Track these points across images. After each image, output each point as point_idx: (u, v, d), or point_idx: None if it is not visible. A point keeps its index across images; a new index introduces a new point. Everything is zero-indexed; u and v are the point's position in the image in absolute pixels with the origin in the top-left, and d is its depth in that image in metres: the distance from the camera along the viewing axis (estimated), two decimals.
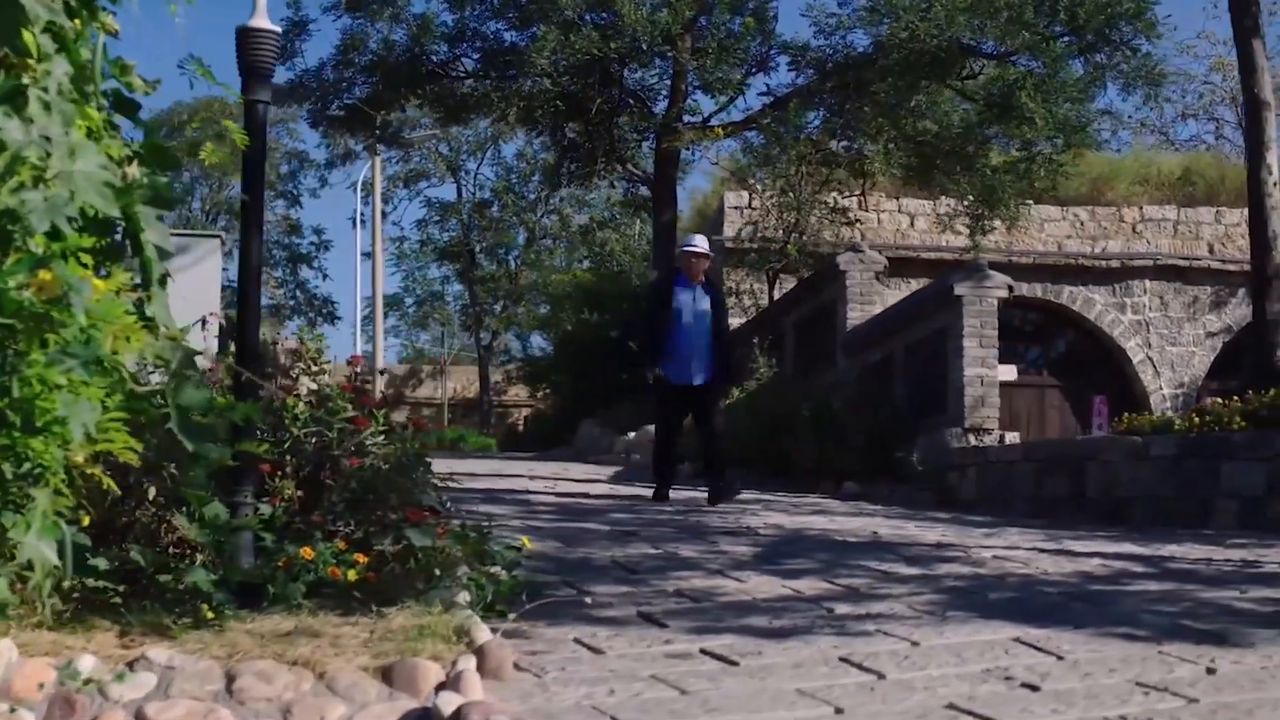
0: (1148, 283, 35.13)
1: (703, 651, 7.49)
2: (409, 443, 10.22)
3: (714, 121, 32.25)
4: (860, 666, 7.10)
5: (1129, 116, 55.60)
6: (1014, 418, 33.02)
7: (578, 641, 7.81)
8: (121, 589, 7.96)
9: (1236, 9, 20.66)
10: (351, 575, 8.44)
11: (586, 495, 18.73)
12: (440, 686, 6.52)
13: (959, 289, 21.54)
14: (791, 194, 30.55)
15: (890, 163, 28.14)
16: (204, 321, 21.04)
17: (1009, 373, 33.64)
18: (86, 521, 6.81)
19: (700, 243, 17.87)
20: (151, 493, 8.71)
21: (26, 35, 5.63)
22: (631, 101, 31.88)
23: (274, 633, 7.43)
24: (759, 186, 31.66)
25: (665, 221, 33.03)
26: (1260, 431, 16.69)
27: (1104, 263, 34.97)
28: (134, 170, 6.62)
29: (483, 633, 7.34)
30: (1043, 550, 12.54)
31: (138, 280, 6.81)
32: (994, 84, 28.56)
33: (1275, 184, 20.31)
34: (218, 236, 23.74)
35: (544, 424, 51.11)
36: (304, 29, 32.33)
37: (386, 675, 6.74)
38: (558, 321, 54.81)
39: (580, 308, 46.61)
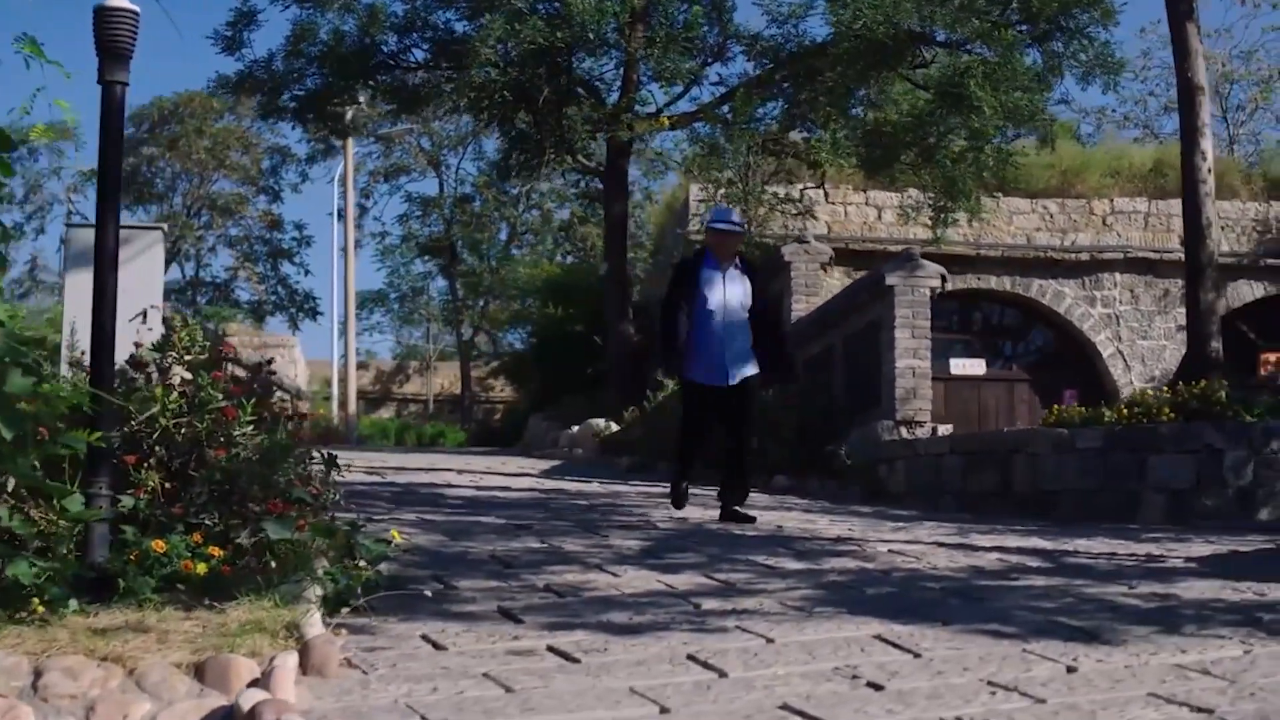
0: (1118, 276, 34.94)
1: (549, 648, 7.28)
2: (279, 433, 10.00)
3: (669, 112, 32.02)
4: (704, 664, 6.89)
5: (1112, 110, 55.41)
6: (983, 412, 32.90)
7: (424, 638, 7.59)
8: None
9: None
10: (201, 569, 8.21)
11: (507, 489, 18.45)
12: (254, 683, 6.31)
13: (890, 279, 21.32)
14: (739, 185, 30.28)
15: (837, 151, 27.86)
16: (144, 314, 20.76)
17: (977, 367, 33.58)
18: None
19: (731, 216, 15.17)
20: (11, 484, 8.49)
21: None
22: (582, 91, 31.67)
23: (99, 627, 7.20)
24: (705, 178, 31.35)
25: (617, 213, 32.85)
26: (1189, 424, 16.53)
27: (1074, 256, 34.79)
28: None
29: (314, 628, 7.13)
30: (944, 545, 12.34)
31: None
32: (945, 73, 28.33)
33: (1209, 170, 20.18)
34: (159, 229, 23.39)
35: (516, 420, 51.01)
36: (252, 19, 32.04)
37: (199, 672, 6.52)
38: (527, 316, 54.71)
39: (547, 302, 46.50)
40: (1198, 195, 20.04)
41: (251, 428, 9.72)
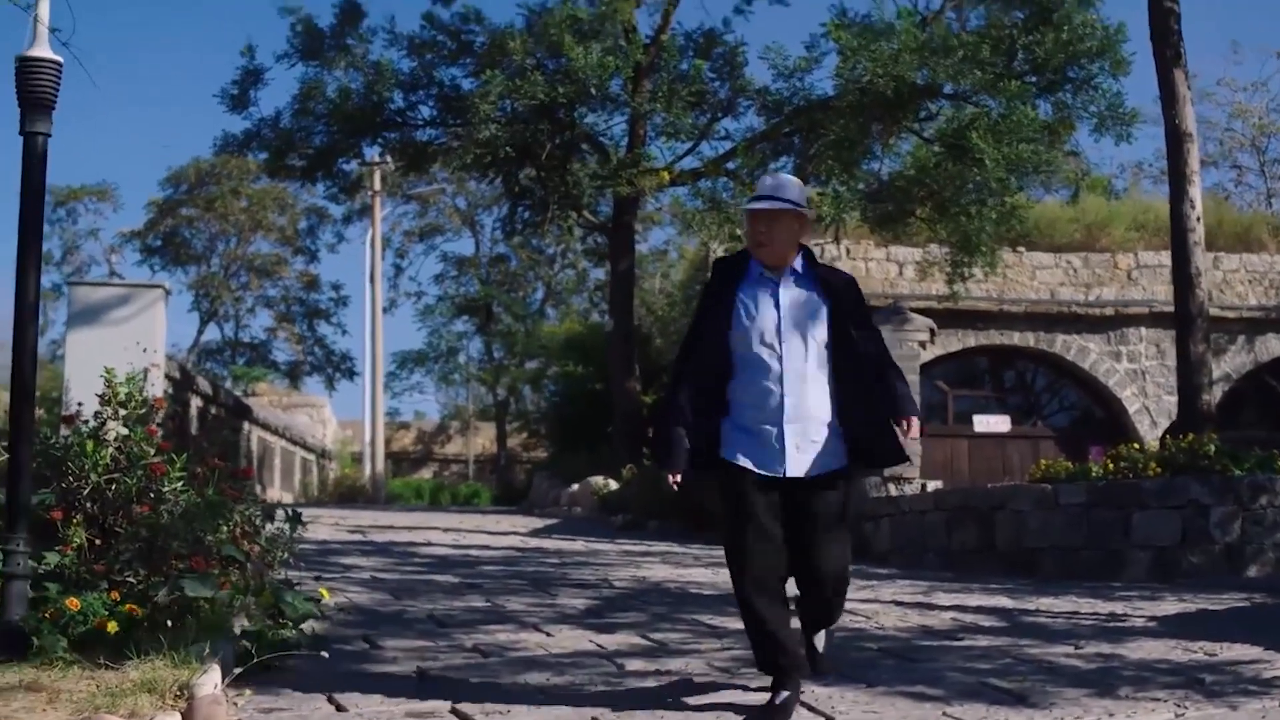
0: (1143, 330, 34.63)
1: (451, 711, 7.12)
2: (210, 489, 9.86)
3: (679, 167, 31.87)
4: None
5: (1149, 164, 55.06)
6: (1007, 470, 32.64)
7: (329, 699, 7.43)
8: None
9: (1158, 39, 20.39)
10: (113, 627, 8.06)
11: (485, 548, 18.26)
12: None
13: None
14: (743, 240, 30.07)
15: (840, 206, 27.65)
16: (145, 372, 20.68)
17: (1002, 424, 33.37)
18: None
19: (778, 189, 7.82)
20: None
21: None
22: (586, 147, 31.62)
23: None
24: (708, 234, 31.10)
25: (622, 269, 32.74)
26: (1174, 479, 16.23)
27: (1098, 311, 34.50)
28: None
29: (205, 688, 6.96)
30: (901, 604, 12.13)
31: None
32: (950, 125, 28.15)
33: (1198, 219, 19.96)
34: (160, 287, 23.42)
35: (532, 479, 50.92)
36: (259, 78, 32.06)
37: None
38: (548, 375, 54.63)
39: (566, 360, 46.36)
40: (1186, 244, 19.83)
41: (181, 484, 9.60)
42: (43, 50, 8.80)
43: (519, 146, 29.87)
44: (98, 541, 9.32)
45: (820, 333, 7.44)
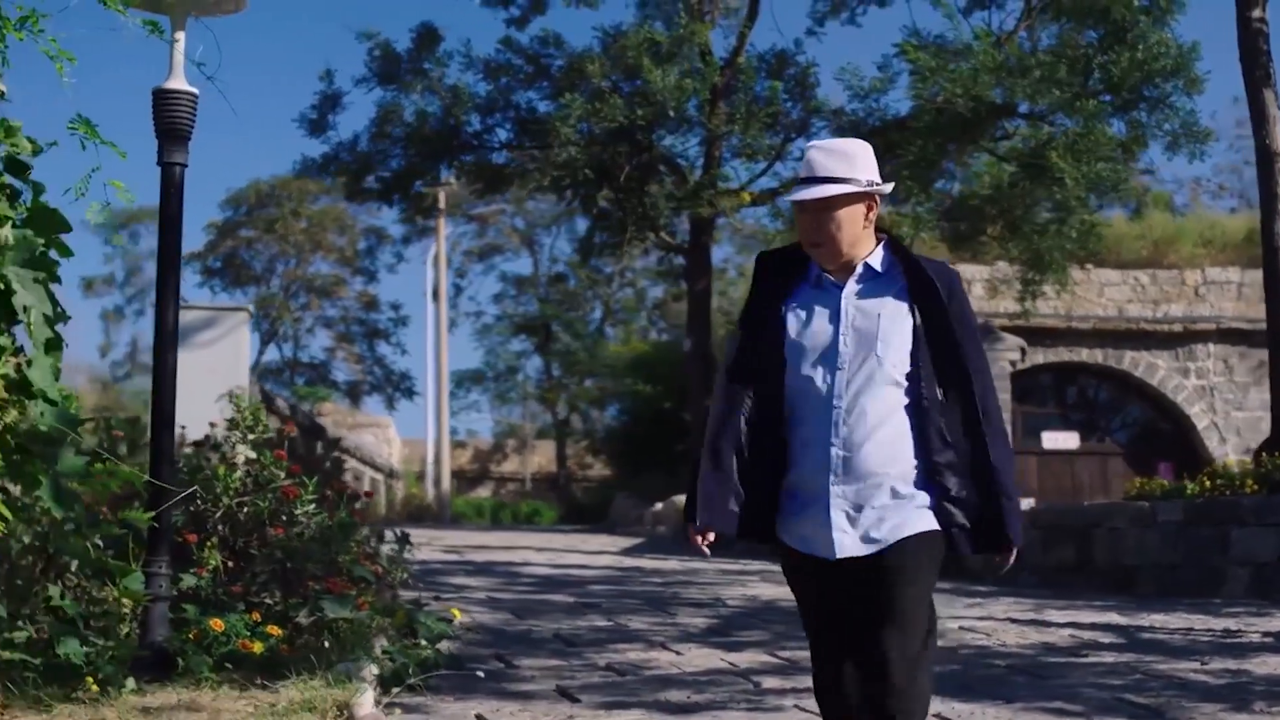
0: (1211, 346, 34.54)
1: None
2: (341, 512, 10.02)
3: (754, 187, 31.95)
4: None
5: (1207, 180, 54.89)
6: (1076, 486, 32.57)
7: (478, 717, 7.55)
8: (38, 660, 7.78)
9: (1247, 60, 20.31)
10: (258, 648, 8.21)
11: (584, 567, 18.42)
12: None
13: None
14: None
15: (920, 226, 27.71)
16: (231, 395, 20.78)
17: (1070, 440, 33.30)
18: None
19: (827, 165, 5.31)
20: (74, 564, 8.54)
21: None
22: (664, 169, 31.73)
23: (151, 707, 7.20)
24: None
25: (700, 289, 32.83)
26: (1272, 496, 16.20)
27: (1166, 327, 34.41)
28: (6, 232, 6.44)
29: (364, 708, 7.09)
30: (1016, 621, 12.18)
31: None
32: (1028, 144, 28.18)
33: None
34: (245, 310, 23.68)
35: (604, 498, 50.96)
36: (337, 102, 32.33)
37: None
38: (616, 394, 54.69)
39: (635, 380, 46.44)
40: (1277, 262, 19.77)
41: (314, 506, 9.75)
42: (179, 83, 8.95)
43: (597, 168, 30.00)
44: (230, 563, 9.49)
45: (899, 355, 5.16)
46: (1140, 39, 27.69)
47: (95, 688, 7.39)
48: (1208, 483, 17.16)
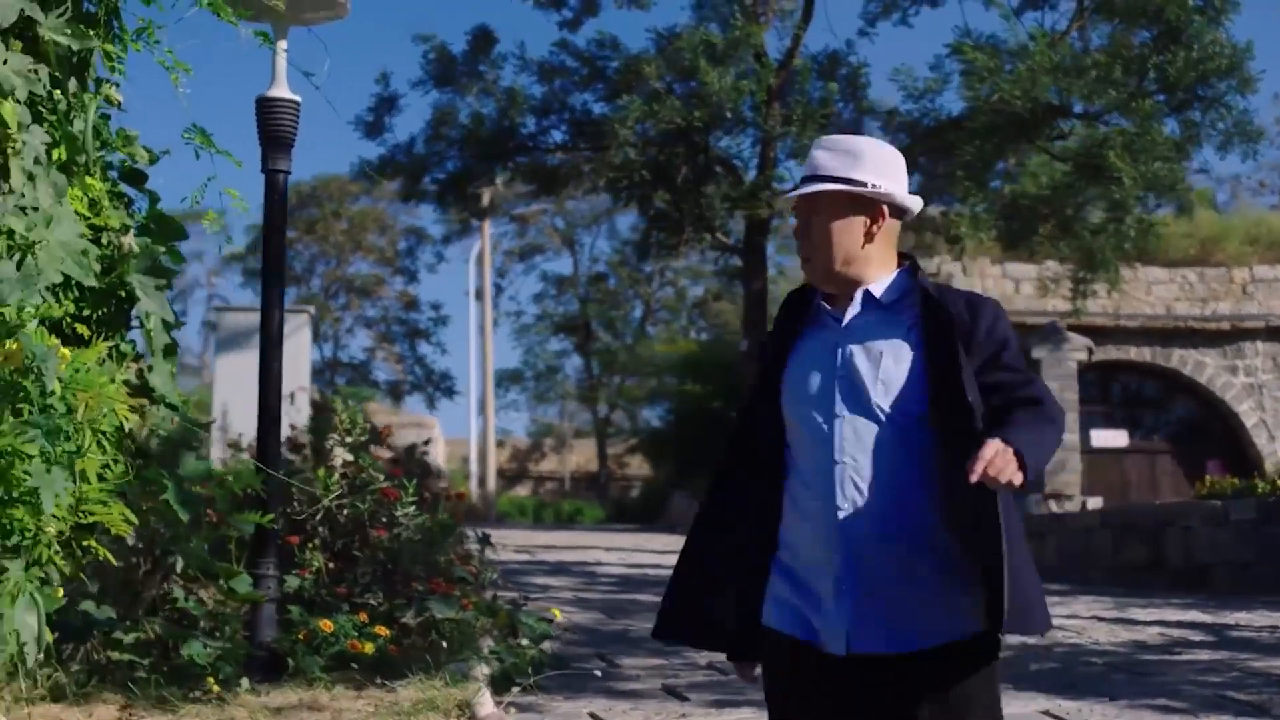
0: (1260, 344, 34.43)
1: None
2: (440, 514, 10.13)
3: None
4: None
5: (1247, 177, 54.83)
6: (1125, 484, 32.52)
7: (592, 716, 7.65)
8: (146, 661, 7.91)
9: None
10: (369, 649, 8.32)
11: (659, 566, 18.43)
12: None
13: (1036, 352, 21.27)
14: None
15: (978, 226, 27.76)
16: (292, 396, 20.87)
17: (1119, 439, 33.25)
18: (60, 594, 6.65)
19: (818, 161, 4.25)
20: (179, 565, 8.65)
21: (4, 106, 5.59)
22: (720, 169, 31.75)
23: (274, 706, 7.32)
24: None
25: (756, 290, 32.80)
26: None
27: (1214, 325, 34.36)
28: (129, 240, 6.56)
29: (485, 707, 7.20)
30: (1103, 619, 12.25)
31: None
32: (1084, 144, 28.17)
33: None
34: (306, 311, 23.83)
35: (653, 497, 51.00)
36: (394, 104, 32.43)
37: None
38: (664, 394, 54.76)
39: (685, 379, 46.51)
40: None
41: (414, 508, 9.85)
42: (282, 90, 9.08)
43: (653, 169, 30.07)
44: (331, 565, 9.61)
45: (909, 401, 4.07)
46: (1195, 38, 27.70)
47: (216, 688, 7.51)
48: (1278, 482, 17.22)
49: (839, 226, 4.11)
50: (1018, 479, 3.59)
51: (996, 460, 3.61)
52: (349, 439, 10.51)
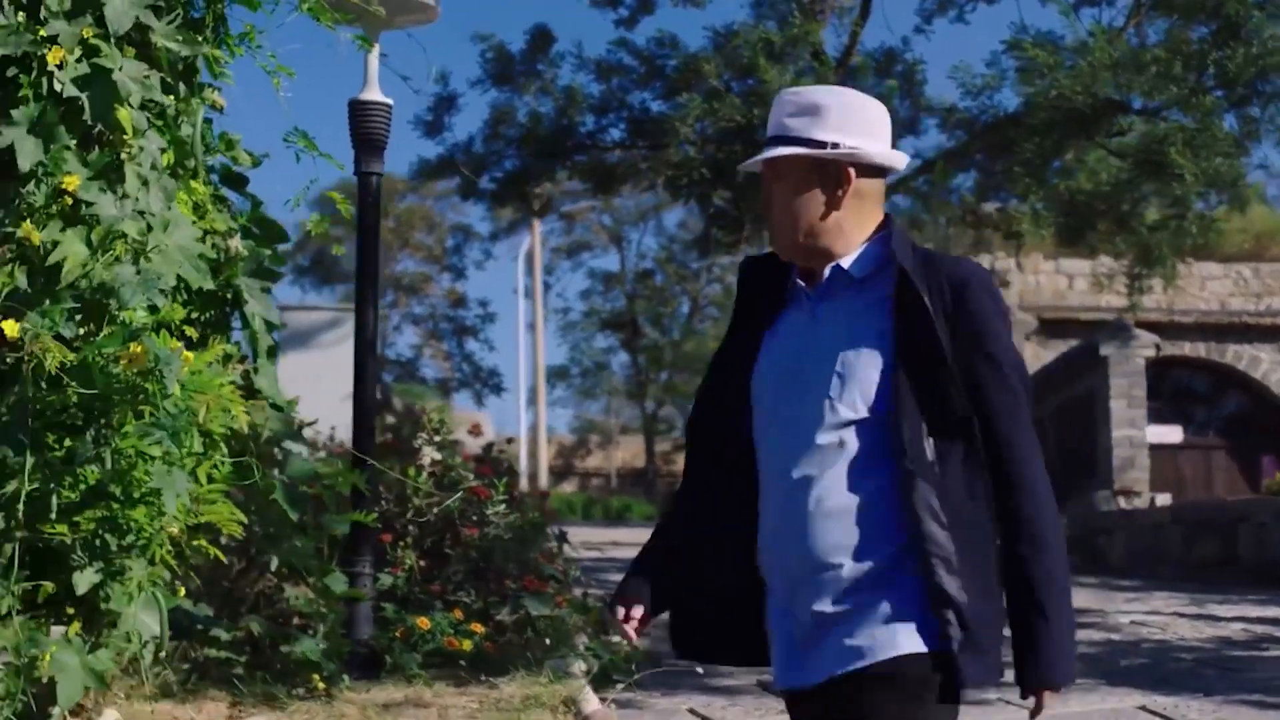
0: None
1: None
2: (530, 512, 10.21)
3: None
4: None
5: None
6: (1179, 480, 32.45)
7: (692, 712, 7.73)
8: (243, 659, 8.00)
9: None
10: (467, 646, 8.41)
11: None
12: None
13: (1104, 350, 21.25)
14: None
15: (1039, 223, 27.78)
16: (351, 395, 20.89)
17: (1173, 434, 33.16)
18: (182, 592, 6.75)
19: (780, 122, 3.76)
20: (274, 563, 8.75)
21: (121, 112, 5.68)
22: None
23: (382, 703, 7.41)
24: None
25: None
26: None
27: (1270, 320, 34.28)
28: (236, 243, 6.66)
29: (591, 703, 7.27)
30: (1183, 615, 12.28)
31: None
32: (1144, 140, 28.12)
33: None
34: None
35: None
36: (452, 104, 32.53)
37: None
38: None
39: None
40: None
41: (504, 506, 9.94)
42: (374, 94, 9.17)
43: (713, 167, 30.13)
44: (423, 563, 9.70)
45: (862, 397, 3.43)
46: (1254, 34, 27.62)
47: (322, 685, 7.60)
48: None
49: (800, 194, 3.55)
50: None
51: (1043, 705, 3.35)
52: (437, 437, 10.64)
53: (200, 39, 6.36)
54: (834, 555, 3.31)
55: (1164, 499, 20.89)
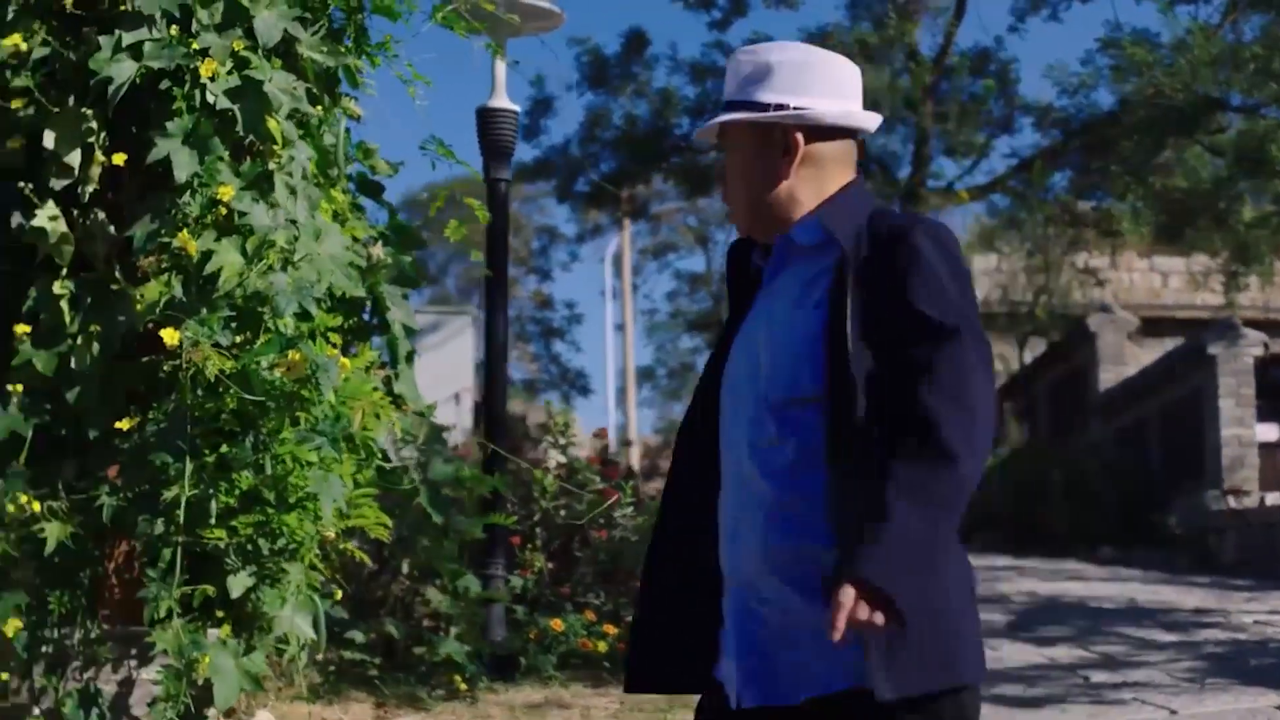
0: None
1: None
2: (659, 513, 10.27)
3: (958, 185, 31.93)
4: None
5: None
6: (1278, 479, 32.18)
7: None
8: (377, 661, 8.11)
9: None
10: (601, 647, 8.49)
11: None
12: None
13: (1212, 349, 21.11)
14: (1039, 256, 30.50)
15: (1139, 221, 27.69)
16: (457, 397, 21.03)
17: (1270, 432, 32.88)
18: (339, 595, 6.84)
19: (734, 84, 3.33)
20: (405, 566, 8.86)
21: (271, 122, 5.76)
22: (875, 167, 31.74)
23: (525, 704, 7.49)
24: (1005, 249, 31.43)
25: None
26: None
27: None
28: (378, 250, 6.74)
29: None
30: None
31: (386, 358, 6.99)
32: (1242, 137, 27.92)
33: None
34: (467, 313, 24.04)
35: None
36: (549, 107, 32.65)
37: None
38: None
39: None
40: None
41: (632, 509, 10.01)
42: (501, 101, 9.26)
43: None
44: (552, 565, 9.79)
45: (796, 377, 3.09)
46: None
47: (464, 686, 7.69)
48: None
49: (747, 163, 3.28)
50: (880, 622, 2.73)
51: (857, 613, 2.72)
52: (561, 440, 10.74)
53: (342, 49, 6.42)
54: (771, 557, 3.00)
55: (1274, 498, 20.72)
